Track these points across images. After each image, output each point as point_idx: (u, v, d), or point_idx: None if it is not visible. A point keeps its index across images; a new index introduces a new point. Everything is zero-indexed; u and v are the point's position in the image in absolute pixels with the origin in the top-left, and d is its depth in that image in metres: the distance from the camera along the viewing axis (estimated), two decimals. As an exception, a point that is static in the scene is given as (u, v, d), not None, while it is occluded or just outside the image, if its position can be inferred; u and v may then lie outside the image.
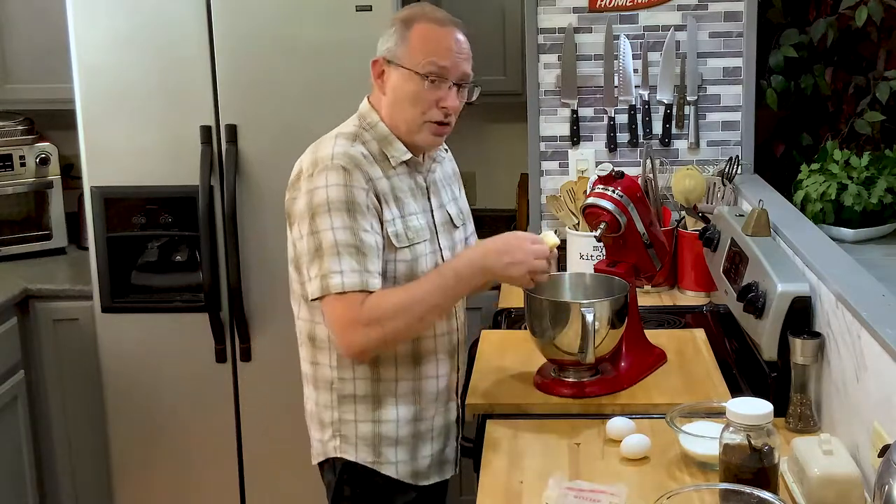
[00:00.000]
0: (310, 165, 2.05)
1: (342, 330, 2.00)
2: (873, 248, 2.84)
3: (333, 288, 1.96)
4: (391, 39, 2.08)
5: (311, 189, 2.01)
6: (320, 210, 1.99)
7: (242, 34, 3.09)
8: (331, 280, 1.96)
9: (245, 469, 3.32)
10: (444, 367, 2.19)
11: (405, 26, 2.08)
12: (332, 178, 2.00)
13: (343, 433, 2.13)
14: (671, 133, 3.27)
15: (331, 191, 1.99)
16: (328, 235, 1.98)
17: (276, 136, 3.12)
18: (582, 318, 2.13)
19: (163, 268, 3.25)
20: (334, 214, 1.98)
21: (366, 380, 2.12)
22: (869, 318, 1.81)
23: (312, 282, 2.00)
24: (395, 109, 2.10)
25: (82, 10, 3.09)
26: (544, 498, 1.82)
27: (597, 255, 2.98)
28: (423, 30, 2.07)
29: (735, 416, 1.75)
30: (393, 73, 2.08)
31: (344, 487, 2.16)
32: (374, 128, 2.12)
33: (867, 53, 3.40)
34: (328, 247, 1.97)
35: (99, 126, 3.14)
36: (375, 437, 2.13)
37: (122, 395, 3.29)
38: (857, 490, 1.73)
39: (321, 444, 2.18)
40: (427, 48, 2.06)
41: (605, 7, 3.22)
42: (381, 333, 1.99)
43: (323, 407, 2.15)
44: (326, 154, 2.04)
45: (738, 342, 2.54)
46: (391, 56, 2.08)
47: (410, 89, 2.07)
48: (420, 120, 2.08)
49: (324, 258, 1.98)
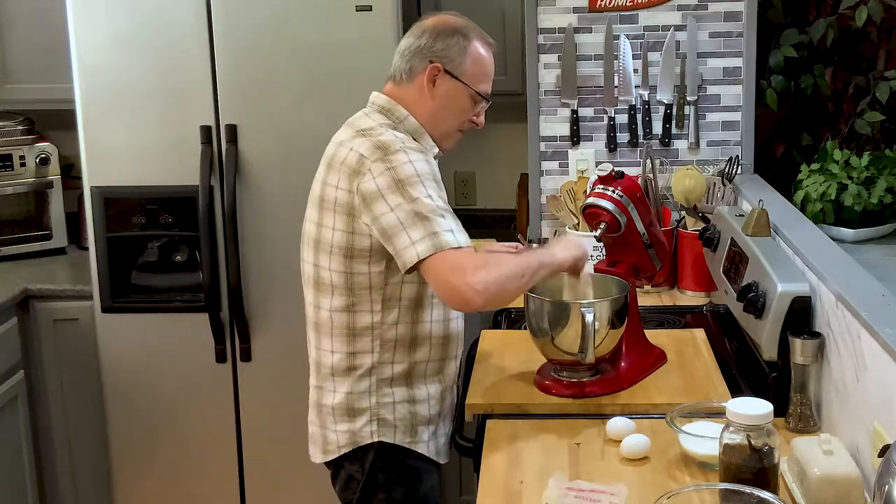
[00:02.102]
0: (375, 149, 2.07)
1: (465, 275, 1.97)
2: (873, 248, 2.84)
3: (448, 244, 1.99)
4: (451, 50, 2.15)
5: (392, 166, 2.04)
6: (412, 180, 2.03)
7: (242, 34, 3.09)
8: (442, 237, 1.99)
9: (245, 469, 3.32)
10: (460, 348, 2.30)
11: (465, 39, 2.16)
12: (413, 155, 2.06)
13: (382, 416, 2.18)
14: (671, 133, 3.27)
15: (416, 165, 2.05)
16: (427, 202, 2.02)
17: (276, 136, 3.12)
18: (582, 318, 2.13)
19: (163, 268, 3.25)
20: (427, 184, 2.04)
21: (402, 363, 2.19)
22: (869, 318, 1.81)
23: (418, 244, 2.00)
24: (439, 116, 2.18)
25: (82, 10, 3.09)
26: (544, 498, 1.82)
27: (597, 255, 2.98)
28: (480, 49, 2.18)
29: (735, 416, 1.75)
30: (449, 83, 2.15)
31: (378, 475, 2.19)
32: (403, 122, 2.17)
33: (867, 53, 3.40)
34: (430, 210, 2.01)
35: (99, 126, 3.14)
36: (413, 417, 2.20)
37: (122, 395, 3.29)
38: (857, 490, 1.73)
39: (350, 434, 2.19)
40: (484, 70, 2.19)
41: (605, 7, 3.22)
42: (498, 275, 2.01)
43: (357, 395, 2.18)
44: (391, 139, 2.09)
45: (738, 342, 2.54)
46: (451, 67, 2.15)
47: (462, 103, 2.18)
48: (456, 129, 2.22)
49: (429, 220, 2.00)
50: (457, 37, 2.15)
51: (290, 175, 3.10)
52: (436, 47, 2.15)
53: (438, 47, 2.15)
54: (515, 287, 2.08)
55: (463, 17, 2.22)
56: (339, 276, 2.13)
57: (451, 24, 2.18)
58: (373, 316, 2.15)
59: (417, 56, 2.16)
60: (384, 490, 2.20)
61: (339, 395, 2.20)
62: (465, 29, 2.17)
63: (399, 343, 2.17)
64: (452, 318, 2.26)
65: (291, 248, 2.39)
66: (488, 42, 2.22)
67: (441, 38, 2.15)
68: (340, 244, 2.11)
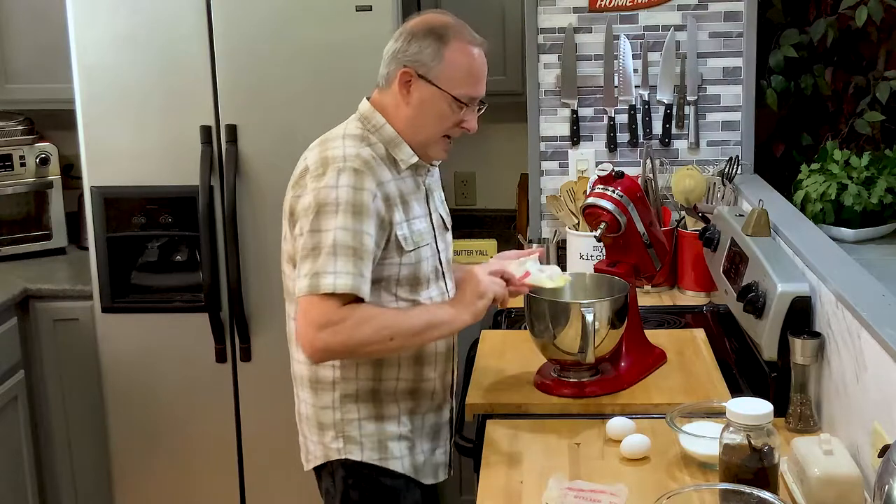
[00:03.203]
0: (318, 164, 2.01)
1: (312, 328, 1.93)
2: (873, 248, 2.84)
3: (323, 287, 1.92)
4: (424, 53, 2.02)
5: (319, 187, 1.98)
6: (327, 209, 1.96)
7: (242, 34, 3.09)
8: (322, 279, 1.92)
9: (245, 469, 3.32)
10: (440, 368, 2.18)
11: (440, 41, 2.02)
12: (344, 179, 1.97)
13: (347, 433, 2.11)
14: (671, 133, 3.27)
15: (340, 191, 1.96)
16: (329, 236, 1.94)
17: (276, 136, 3.12)
18: (582, 318, 2.13)
19: (163, 268, 3.25)
20: (340, 215, 1.95)
21: (368, 380, 2.10)
22: (869, 318, 1.81)
23: (301, 279, 1.95)
24: (417, 123, 2.07)
25: (82, 9, 3.09)
26: (544, 498, 1.82)
27: (597, 255, 2.99)
28: (459, 50, 2.04)
29: (735, 416, 1.75)
30: (423, 89, 2.04)
31: (350, 492, 2.13)
32: (379, 130, 2.08)
33: (867, 53, 3.40)
34: (326, 246, 1.94)
35: (99, 126, 3.14)
36: (381, 433, 2.12)
37: (122, 395, 3.29)
38: (857, 490, 1.73)
39: (321, 446, 2.14)
40: (462, 72, 2.04)
41: (605, 7, 3.22)
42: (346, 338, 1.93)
43: (322, 409, 2.12)
44: (337, 154, 2.01)
45: (738, 342, 2.54)
46: (424, 71, 2.03)
47: (439, 109, 2.05)
48: (439, 136, 2.09)
49: (319, 257, 1.94)
50: (430, 38, 2.02)
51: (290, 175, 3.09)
52: (409, 51, 2.03)
53: (412, 51, 2.03)
54: (376, 350, 2.01)
55: (447, 16, 2.09)
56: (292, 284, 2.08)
57: (428, 24, 2.05)
58: None
59: (393, 60, 2.06)
60: None
61: (308, 406, 2.15)
62: (442, 29, 2.04)
63: (361, 361, 2.08)
64: None
65: (291, 248, 2.39)
66: (472, 42, 2.06)
67: (415, 40, 2.03)
68: (290, 253, 2.08)
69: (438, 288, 2.15)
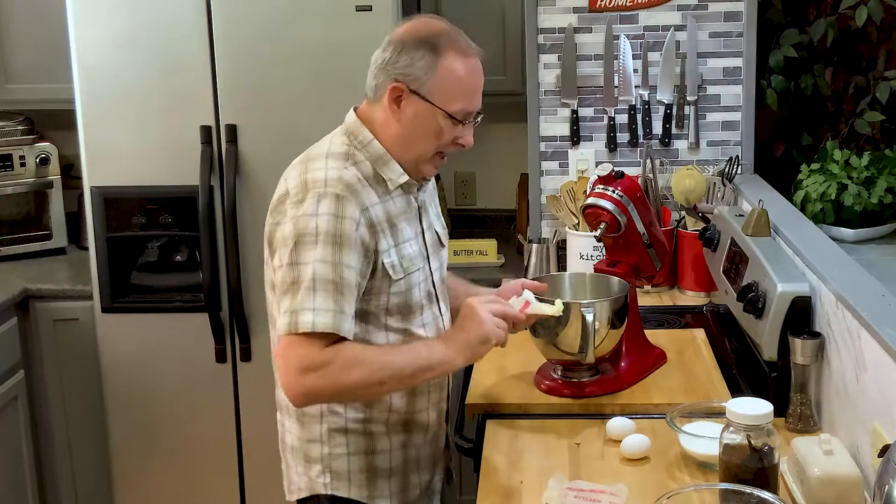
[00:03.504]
0: (298, 189, 1.87)
1: (293, 371, 1.80)
2: (873, 248, 2.84)
3: (302, 326, 1.78)
4: (416, 66, 1.87)
5: (298, 216, 1.84)
6: (306, 240, 1.82)
7: (242, 34, 3.09)
8: (301, 317, 1.78)
9: (245, 469, 3.32)
10: (434, 397, 2.07)
11: (433, 52, 1.87)
12: (324, 207, 1.83)
13: (334, 468, 1.99)
14: (671, 133, 3.27)
15: (321, 220, 1.82)
16: (308, 269, 1.80)
17: (276, 136, 3.12)
18: (582, 318, 2.13)
19: (163, 268, 3.25)
20: (320, 246, 1.81)
21: (357, 412, 1.99)
22: (869, 318, 1.81)
23: (281, 317, 1.82)
24: (408, 140, 1.92)
25: (82, 9, 3.09)
26: (544, 498, 1.82)
27: (597, 255, 2.98)
28: (454, 63, 1.87)
29: (735, 416, 1.75)
30: (415, 104, 1.89)
31: None
32: (366, 147, 1.93)
33: (867, 53, 3.40)
34: (306, 281, 1.80)
35: (99, 126, 3.15)
36: (369, 470, 2.01)
37: (122, 395, 3.29)
38: (857, 490, 1.73)
39: (307, 479, 2.03)
40: (458, 86, 1.89)
41: (605, 7, 3.22)
42: (333, 382, 1.81)
43: (309, 442, 2.01)
44: (318, 178, 1.86)
45: (738, 342, 2.54)
46: (416, 86, 1.87)
47: (433, 125, 1.90)
48: (432, 153, 1.95)
49: (298, 292, 1.80)
50: (422, 50, 1.86)
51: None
52: (399, 63, 1.87)
53: (402, 63, 1.87)
54: (365, 394, 1.90)
55: (441, 22, 1.93)
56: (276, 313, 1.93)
57: (420, 33, 1.88)
58: None
59: (382, 72, 1.90)
60: None
61: (293, 437, 2.03)
62: (435, 39, 1.87)
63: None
64: None
65: (291, 248, 2.38)
66: (468, 52, 1.90)
67: (406, 51, 1.87)
68: (270, 278, 1.95)
69: (432, 313, 2.04)
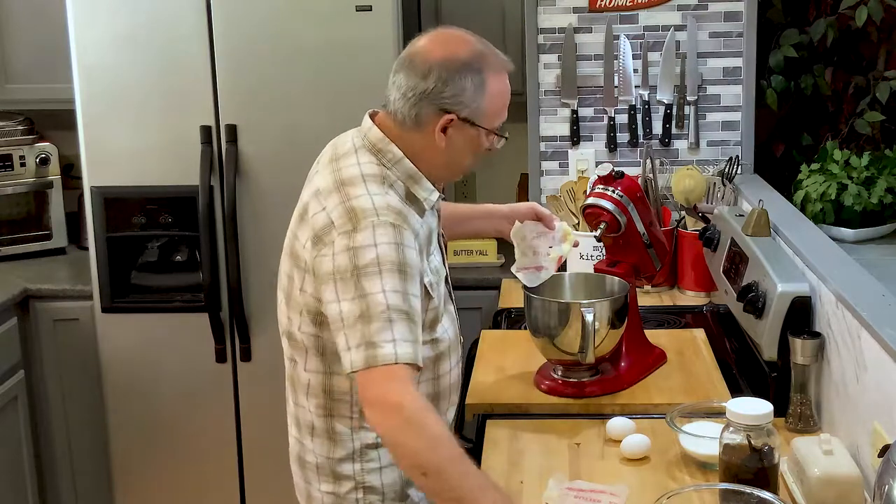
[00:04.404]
0: (346, 219, 1.79)
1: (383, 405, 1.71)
2: (873, 248, 2.84)
3: (384, 359, 1.70)
4: (465, 94, 1.83)
5: (354, 247, 1.76)
6: (369, 271, 1.74)
7: (242, 34, 3.09)
8: (380, 349, 1.71)
9: (245, 469, 3.32)
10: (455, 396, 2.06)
11: (479, 75, 1.84)
12: (382, 237, 1.76)
13: (368, 483, 1.95)
14: (671, 133, 3.27)
15: (381, 249, 1.75)
16: (378, 298, 1.73)
17: (276, 136, 3.12)
18: (582, 318, 2.13)
19: (163, 268, 3.25)
20: (385, 276, 1.74)
21: None
22: (869, 318, 1.81)
23: (353, 351, 1.73)
24: (453, 163, 1.91)
25: (82, 9, 3.09)
26: (544, 498, 1.82)
27: (597, 255, 2.98)
28: (499, 85, 1.88)
29: (735, 416, 1.75)
30: (465, 131, 1.86)
31: None
32: (396, 165, 1.88)
33: (867, 53, 3.40)
34: (378, 312, 1.72)
35: (99, 126, 3.14)
36: (402, 479, 1.96)
37: (122, 395, 3.29)
38: (857, 490, 1.73)
39: (334, 497, 1.96)
40: (502, 106, 1.90)
41: (605, 7, 3.22)
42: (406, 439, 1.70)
43: (339, 460, 1.95)
44: (366, 206, 1.79)
45: (738, 342, 2.54)
46: (467, 114, 1.84)
47: (478, 145, 1.90)
48: (470, 166, 1.96)
49: (371, 324, 1.72)
50: (469, 76, 1.83)
51: (290, 175, 3.06)
52: (446, 93, 1.82)
53: (449, 93, 1.82)
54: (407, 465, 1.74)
55: (472, 38, 1.89)
56: (310, 339, 1.92)
57: (460, 58, 1.83)
58: (350, 381, 1.86)
59: (425, 102, 1.84)
60: None
61: (319, 456, 1.98)
62: (477, 61, 1.84)
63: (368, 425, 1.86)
64: (443, 373, 1.99)
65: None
66: (505, 67, 1.90)
67: (452, 80, 1.82)
68: (309, 308, 1.88)
69: (449, 315, 2.01)
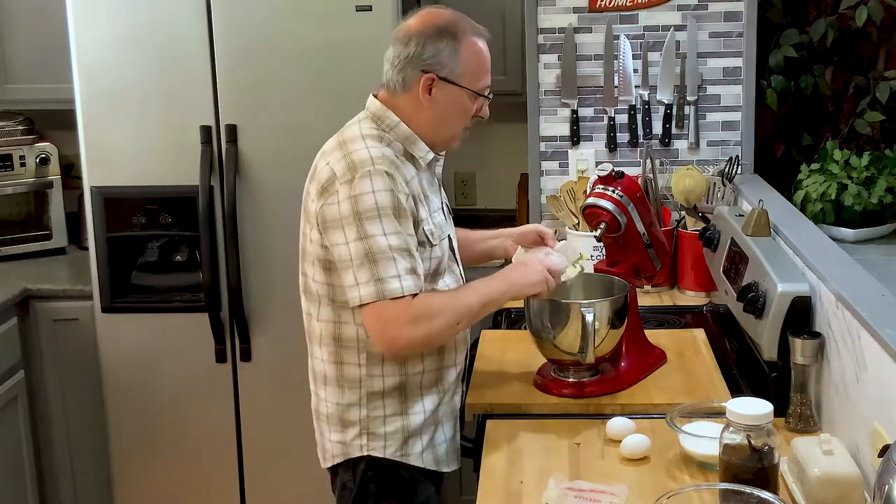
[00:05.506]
0: (346, 170, 2.02)
1: (390, 329, 2.00)
2: (873, 248, 2.84)
3: (391, 293, 1.97)
4: (442, 55, 2.06)
5: (355, 195, 2.00)
6: (369, 215, 1.99)
7: (242, 34, 3.09)
8: (388, 284, 1.97)
9: (245, 469, 3.32)
10: (460, 355, 2.23)
11: (454, 40, 2.07)
12: (378, 184, 2.00)
13: (372, 430, 2.13)
14: (671, 133, 3.27)
15: (378, 196, 1.99)
16: (381, 240, 1.98)
17: (276, 136, 3.12)
18: (582, 318, 2.13)
19: (163, 268, 3.25)
20: (384, 220, 1.99)
21: (394, 375, 2.12)
22: (869, 318, 1.81)
23: (361, 286, 1.99)
24: (441, 123, 2.12)
25: (82, 9, 3.09)
26: (544, 498, 1.82)
27: (597, 255, 2.98)
28: (473, 46, 2.10)
29: (735, 416, 1.75)
30: (446, 90, 2.08)
31: (370, 485, 2.15)
32: (393, 129, 2.11)
33: (867, 53, 3.40)
34: (381, 251, 1.98)
35: (99, 126, 3.14)
36: (404, 430, 2.14)
37: (122, 395, 3.29)
38: (857, 490, 1.73)
39: (342, 445, 2.15)
40: (480, 67, 2.11)
41: (605, 7, 3.22)
42: (426, 331, 2.01)
43: (347, 406, 2.13)
44: (364, 158, 2.03)
45: (738, 342, 2.54)
46: (446, 73, 2.07)
47: (463, 105, 2.12)
48: (461, 130, 2.16)
49: (377, 263, 1.98)
50: (445, 39, 2.06)
51: (290, 175, 3.09)
52: (425, 55, 2.06)
53: (428, 54, 2.06)
54: (449, 335, 2.11)
55: (448, 11, 2.12)
56: (322, 287, 2.10)
57: (436, 24, 2.07)
58: (357, 329, 2.09)
59: (408, 66, 2.07)
60: (375, 501, 2.14)
61: (330, 405, 2.16)
62: (452, 27, 2.08)
63: (387, 357, 2.10)
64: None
65: (291, 247, 2.38)
66: (481, 34, 2.13)
67: (430, 43, 2.06)
68: (319, 256, 2.08)
69: (453, 275, 2.20)
